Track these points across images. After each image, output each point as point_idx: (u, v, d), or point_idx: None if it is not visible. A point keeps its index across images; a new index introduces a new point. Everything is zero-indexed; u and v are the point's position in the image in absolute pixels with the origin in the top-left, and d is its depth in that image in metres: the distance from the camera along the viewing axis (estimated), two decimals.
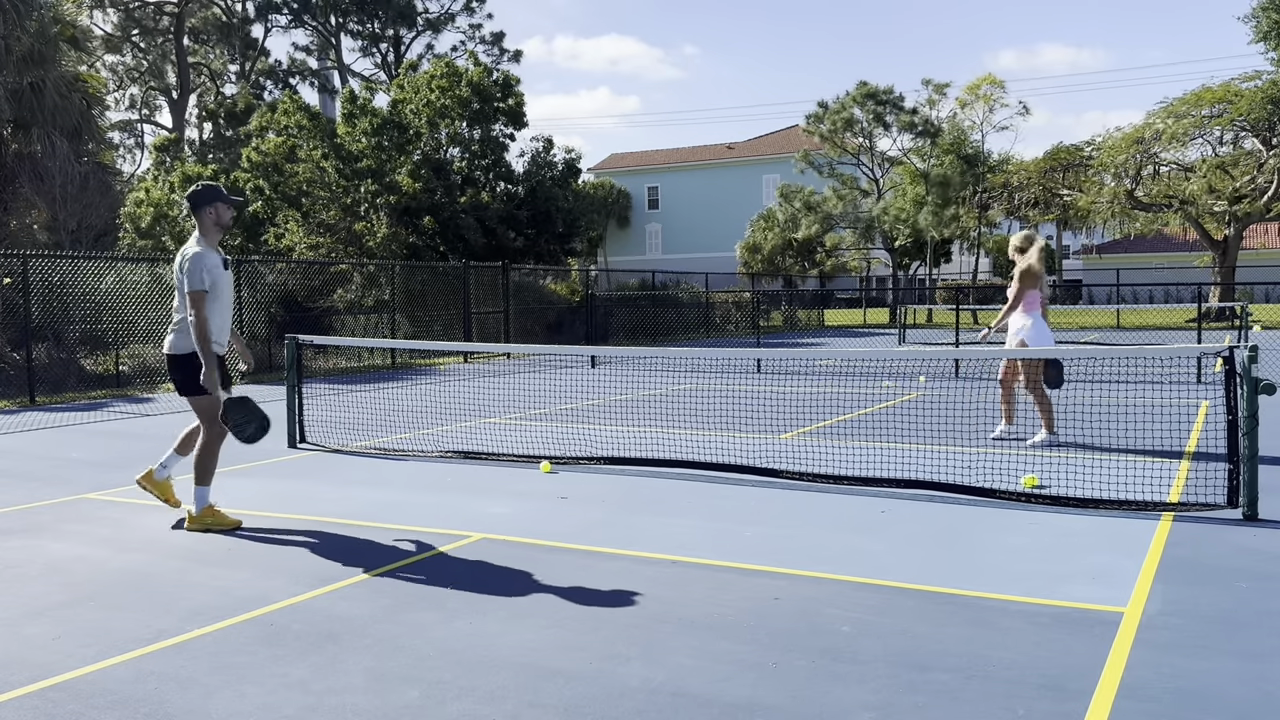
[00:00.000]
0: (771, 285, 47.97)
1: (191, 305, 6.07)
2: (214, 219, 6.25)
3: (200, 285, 6.06)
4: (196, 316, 6.06)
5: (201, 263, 6.10)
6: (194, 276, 6.08)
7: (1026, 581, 4.96)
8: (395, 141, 27.94)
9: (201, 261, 6.10)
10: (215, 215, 6.25)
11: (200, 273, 6.07)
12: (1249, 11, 36.07)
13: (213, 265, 6.14)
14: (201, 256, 6.12)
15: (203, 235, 6.23)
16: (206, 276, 6.08)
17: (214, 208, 6.24)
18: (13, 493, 7.68)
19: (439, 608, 4.71)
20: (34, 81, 20.22)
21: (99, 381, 16.65)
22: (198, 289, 6.06)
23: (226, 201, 6.31)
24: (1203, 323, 18.62)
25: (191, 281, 6.09)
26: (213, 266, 6.14)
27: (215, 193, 6.28)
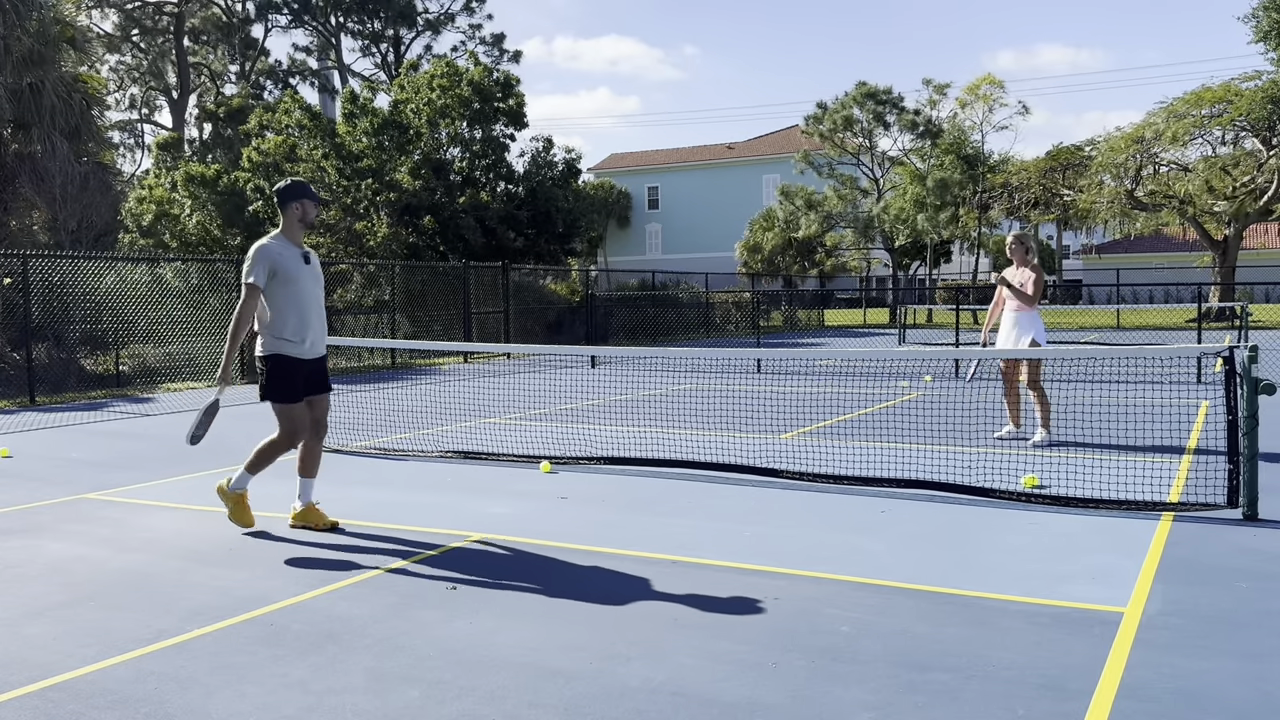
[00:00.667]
0: (771, 285, 47.97)
1: (242, 296, 5.87)
2: (299, 215, 6.06)
3: (255, 278, 5.83)
4: (238, 310, 5.84)
5: (264, 256, 5.87)
6: (249, 266, 5.86)
7: (1026, 581, 4.96)
8: (395, 141, 27.95)
9: (264, 254, 5.88)
10: (301, 211, 6.06)
11: (257, 265, 5.84)
12: (1249, 11, 36.07)
13: (285, 260, 5.91)
14: (266, 249, 5.91)
15: (284, 230, 6.08)
16: (266, 270, 5.84)
17: (300, 204, 6.06)
18: (13, 493, 7.67)
19: (439, 608, 4.71)
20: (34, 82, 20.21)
21: (99, 381, 16.65)
22: (247, 280, 5.84)
23: (313, 199, 6.13)
24: (1203, 323, 18.62)
25: (246, 272, 5.86)
26: (284, 262, 5.91)
27: (302, 189, 6.09)
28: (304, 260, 6.04)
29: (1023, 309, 9.16)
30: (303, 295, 5.97)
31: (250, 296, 5.85)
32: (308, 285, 6.02)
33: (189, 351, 17.95)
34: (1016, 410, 9.42)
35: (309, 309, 6.01)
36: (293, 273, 5.93)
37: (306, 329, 6.01)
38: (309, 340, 6.04)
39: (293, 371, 6.02)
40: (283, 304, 5.91)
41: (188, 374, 17.48)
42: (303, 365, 6.06)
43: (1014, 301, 9.22)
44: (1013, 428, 9.39)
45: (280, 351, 5.97)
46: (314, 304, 6.07)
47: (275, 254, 5.89)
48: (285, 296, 5.90)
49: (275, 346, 5.96)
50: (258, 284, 5.84)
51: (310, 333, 6.04)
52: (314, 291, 6.08)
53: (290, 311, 5.92)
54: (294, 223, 6.07)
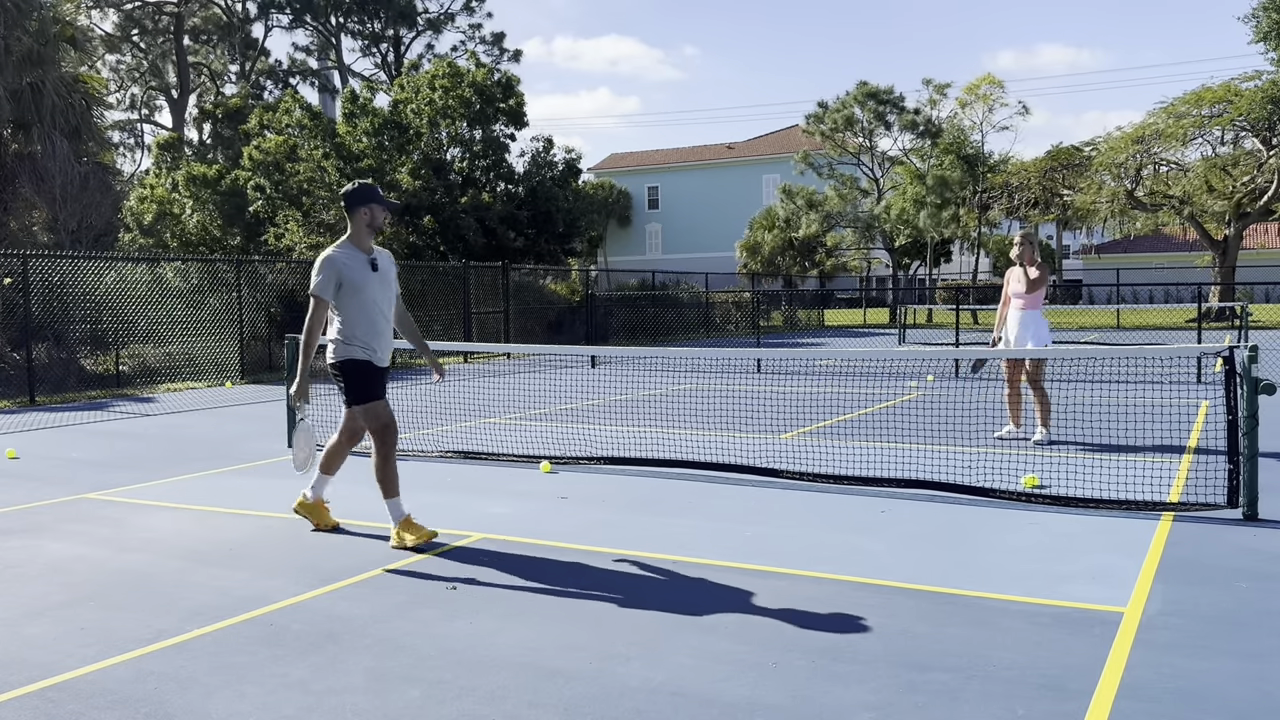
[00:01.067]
0: (771, 285, 47.97)
1: (310, 307, 5.68)
2: (367, 220, 5.82)
3: (319, 291, 5.66)
4: (307, 322, 5.64)
5: (330, 267, 5.67)
6: (316, 279, 5.68)
7: (1026, 581, 4.96)
8: (396, 141, 27.95)
9: (331, 266, 5.67)
10: (369, 216, 5.82)
11: (325, 278, 5.65)
12: (1249, 11, 36.08)
13: (352, 269, 5.71)
14: (332, 260, 5.69)
15: (352, 236, 5.85)
16: (333, 283, 5.65)
17: (369, 208, 5.81)
18: (13, 493, 7.67)
19: (439, 607, 4.71)
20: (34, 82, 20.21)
21: (99, 381, 16.65)
22: (314, 293, 5.67)
23: (382, 203, 5.87)
24: (1203, 323, 18.62)
25: (313, 283, 5.69)
26: (352, 271, 5.70)
27: (371, 193, 5.85)
28: (371, 267, 5.80)
29: (1029, 308, 9.16)
30: (370, 304, 5.76)
31: (317, 309, 5.68)
32: (375, 293, 5.79)
33: (189, 351, 17.95)
34: (1018, 410, 9.42)
35: (377, 317, 5.82)
36: (359, 282, 5.72)
37: (376, 338, 5.83)
38: (379, 349, 5.87)
39: (369, 374, 5.86)
40: (351, 313, 5.73)
41: (188, 374, 17.48)
42: (376, 370, 5.91)
43: (1019, 301, 9.22)
44: (1013, 427, 9.39)
45: (353, 357, 5.80)
46: (382, 312, 5.86)
47: (341, 264, 5.68)
48: (353, 306, 5.72)
49: (347, 353, 5.79)
50: (324, 297, 5.67)
51: (380, 341, 5.86)
52: (383, 298, 5.86)
53: (359, 321, 5.75)
54: (362, 228, 5.84)
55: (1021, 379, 9.34)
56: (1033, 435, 9.23)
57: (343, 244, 5.83)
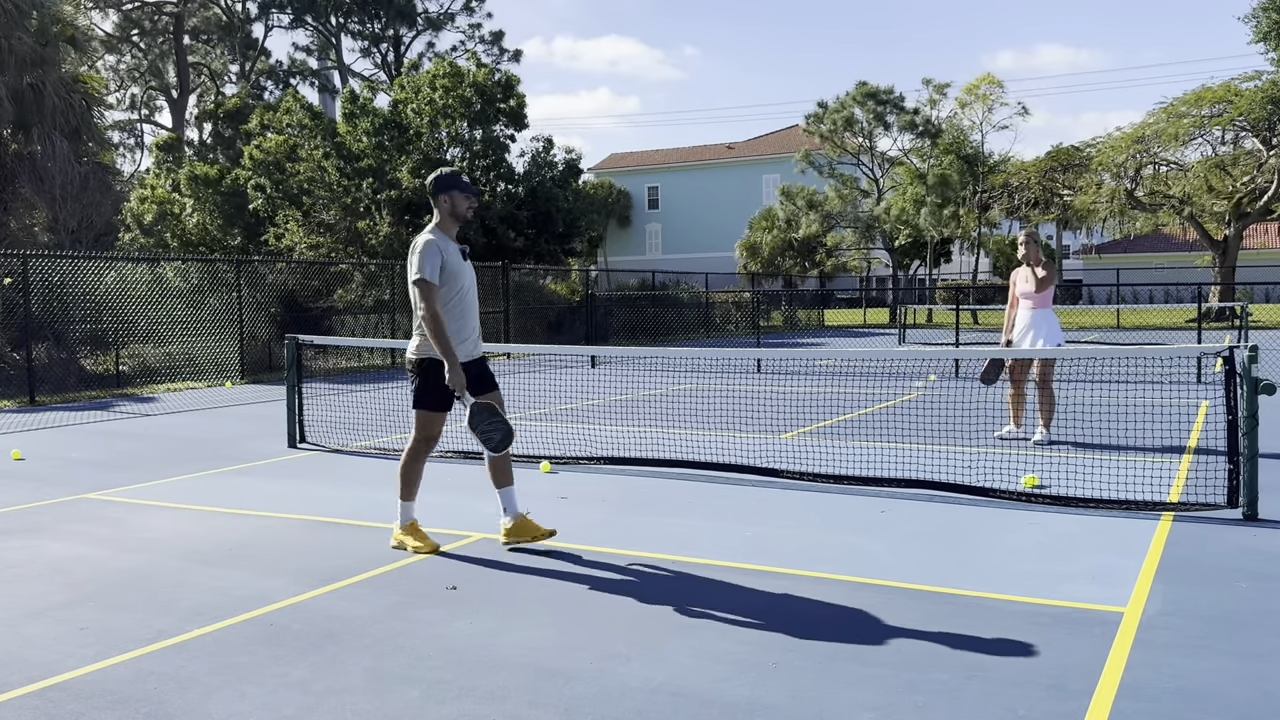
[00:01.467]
0: (771, 285, 47.97)
1: (421, 297, 5.39)
2: (449, 208, 5.59)
3: (428, 275, 5.39)
4: (427, 309, 5.36)
5: (434, 250, 5.43)
6: (419, 263, 5.40)
7: (1026, 581, 4.96)
8: (396, 141, 27.95)
9: (432, 249, 5.44)
10: (450, 204, 5.59)
11: (428, 260, 5.40)
12: (1249, 12, 36.08)
13: (449, 256, 5.49)
14: (432, 244, 5.45)
15: (440, 224, 5.61)
16: (438, 265, 5.42)
17: (449, 196, 5.58)
18: (13, 493, 7.67)
19: (439, 607, 4.71)
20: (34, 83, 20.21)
21: (99, 381, 16.65)
22: (424, 278, 5.38)
23: (464, 190, 5.63)
24: (1203, 323, 18.62)
25: (417, 268, 5.41)
26: (449, 257, 5.48)
27: (451, 180, 5.62)
28: (463, 256, 5.62)
29: (1039, 307, 9.15)
30: (462, 295, 5.58)
31: (430, 294, 5.39)
32: (467, 284, 5.62)
33: (189, 351, 17.95)
34: (1019, 410, 9.41)
35: (469, 308, 5.64)
36: (456, 269, 5.52)
37: (470, 328, 5.64)
38: (472, 340, 5.66)
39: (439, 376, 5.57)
40: (446, 302, 5.50)
41: (188, 374, 17.48)
42: (467, 366, 5.62)
43: (1029, 301, 9.20)
44: (1013, 427, 9.38)
45: (429, 356, 5.54)
46: (472, 305, 5.67)
47: (441, 249, 5.46)
48: (448, 294, 5.50)
49: (425, 351, 5.56)
50: (432, 280, 5.40)
51: (473, 332, 5.67)
52: (473, 291, 5.69)
53: (453, 310, 5.53)
54: (445, 216, 5.61)
55: (1029, 379, 9.33)
56: (1033, 435, 9.23)
57: (434, 230, 5.58)
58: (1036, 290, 9.15)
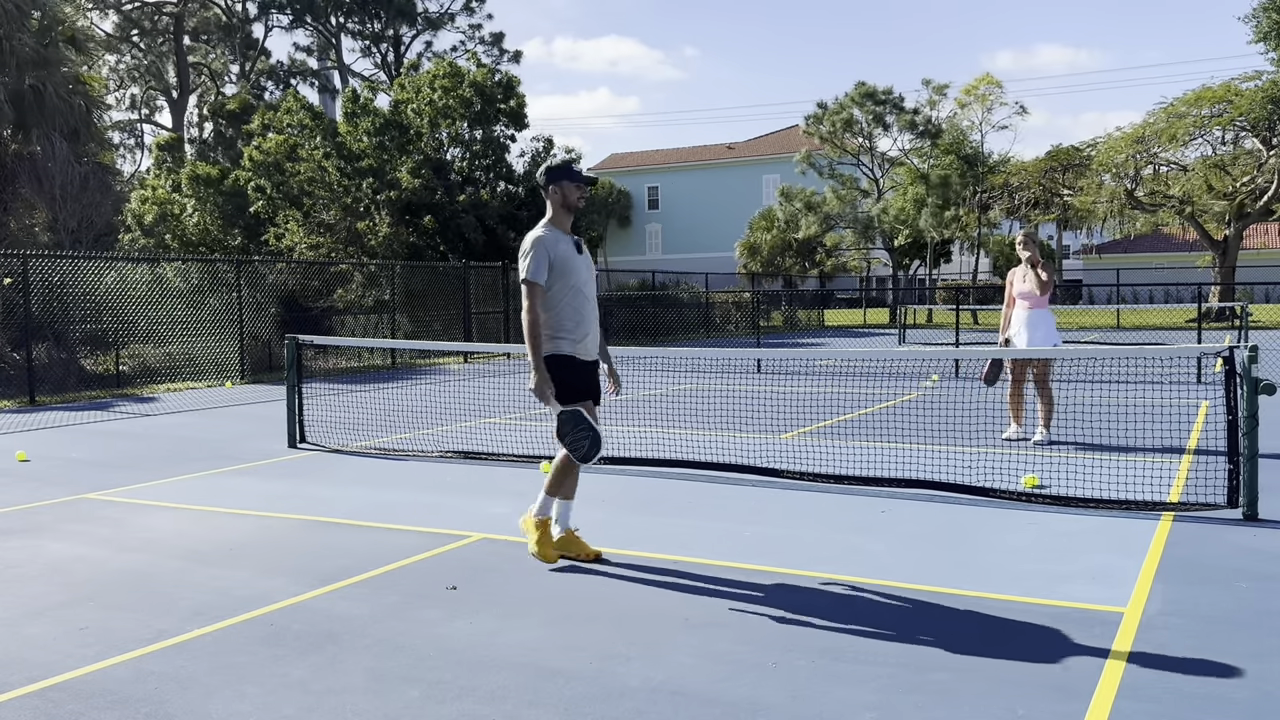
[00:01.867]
0: (771, 285, 47.97)
1: (524, 296, 5.20)
2: (560, 199, 5.36)
3: (532, 275, 5.17)
4: (526, 310, 5.17)
5: (541, 248, 5.21)
6: (527, 262, 5.19)
7: (1026, 581, 4.96)
8: (396, 141, 27.96)
9: (541, 246, 5.22)
10: (561, 195, 5.36)
11: (537, 259, 5.18)
12: (1249, 12, 36.08)
13: (560, 251, 5.26)
14: (542, 240, 5.24)
15: (552, 217, 5.40)
16: (545, 264, 5.19)
17: (560, 186, 5.35)
18: (13, 493, 7.67)
19: (439, 608, 4.71)
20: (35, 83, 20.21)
21: (99, 381, 16.65)
22: (528, 278, 5.17)
23: (575, 180, 5.38)
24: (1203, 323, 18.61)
25: (524, 268, 5.19)
26: (561, 252, 5.25)
27: (563, 170, 5.38)
28: (577, 249, 5.37)
29: (1036, 307, 9.16)
30: (577, 290, 5.30)
31: (534, 295, 5.19)
32: (584, 277, 5.36)
33: (189, 351, 17.95)
34: (1019, 410, 9.41)
35: (584, 305, 5.33)
36: (570, 264, 5.28)
37: (587, 325, 5.34)
38: (589, 337, 5.36)
39: (576, 369, 5.29)
40: (559, 299, 5.24)
41: (188, 374, 17.48)
42: (583, 366, 5.35)
43: (1026, 301, 9.21)
44: (1016, 428, 9.38)
45: (560, 351, 5.25)
46: (589, 299, 5.38)
47: (551, 245, 5.24)
48: (562, 290, 5.24)
49: (552, 346, 5.25)
50: (538, 280, 5.18)
51: (590, 329, 5.36)
52: (589, 285, 5.41)
53: (567, 307, 5.26)
54: (557, 208, 5.39)
55: (1028, 379, 9.34)
56: (1033, 435, 9.23)
57: (546, 225, 5.36)
58: (1040, 292, 9.15)
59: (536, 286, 5.20)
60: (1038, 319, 9.16)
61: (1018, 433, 9.36)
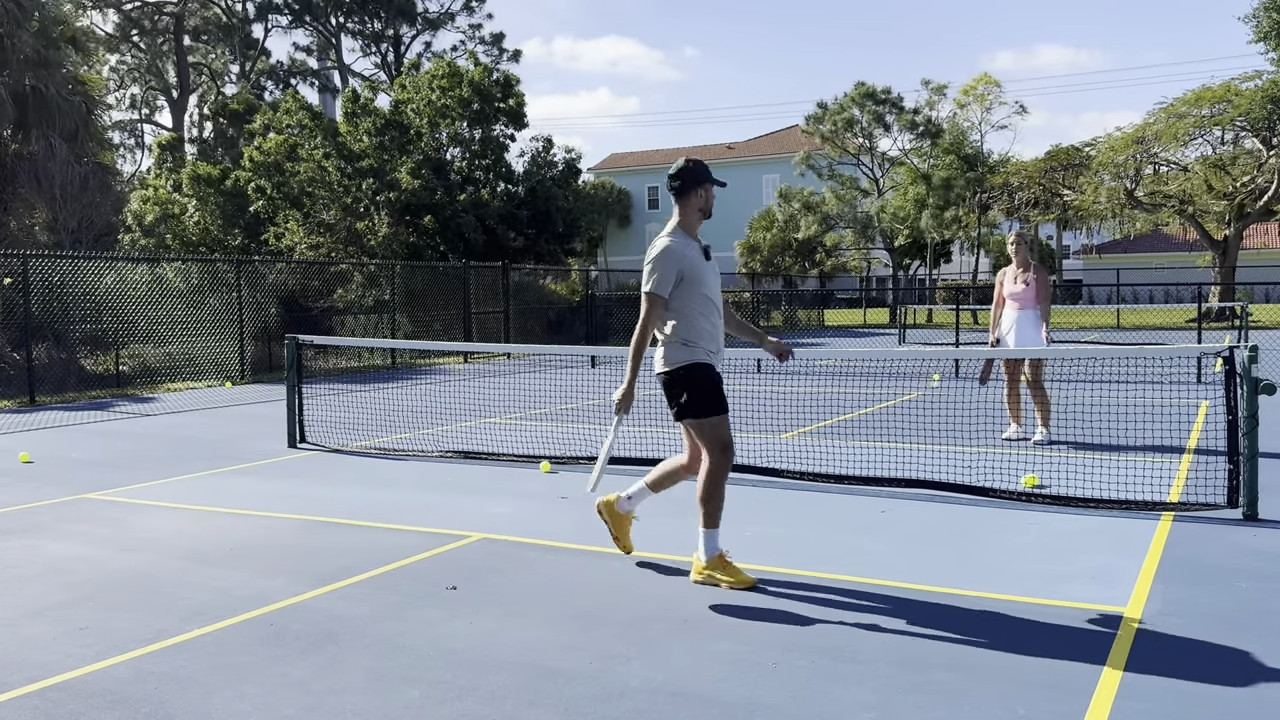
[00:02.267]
0: (771, 285, 47.97)
1: (643, 307, 5.01)
2: (700, 202, 5.10)
3: (656, 288, 4.94)
4: (641, 323, 4.97)
5: (670, 259, 4.95)
6: (655, 275, 4.95)
7: (1026, 581, 4.96)
8: (396, 141, 27.96)
9: (670, 258, 4.95)
10: (703, 199, 5.10)
11: (664, 272, 4.93)
12: (1249, 12, 36.09)
13: (690, 259, 5.00)
14: (671, 251, 4.96)
15: (683, 222, 5.10)
16: (673, 277, 4.95)
17: (704, 190, 5.08)
18: (13, 493, 7.67)
19: (439, 608, 4.71)
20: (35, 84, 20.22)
21: (99, 381, 16.65)
22: (652, 291, 4.96)
23: (715, 183, 5.15)
24: (1203, 323, 18.60)
25: (647, 280, 4.99)
26: (691, 261, 5.00)
27: (706, 172, 5.12)
28: (705, 255, 5.13)
29: (1027, 308, 9.16)
30: (708, 299, 5.07)
31: (654, 309, 4.97)
32: (712, 285, 5.12)
33: (189, 351, 17.95)
34: (1017, 409, 9.42)
35: (713, 313, 5.11)
36: (701, 272, 5.03)
37: (715, 337, 5.12)
38: (718, 350, 5.15)
39: (715, 380, 5.05)
40: (690, 308, 5.01)
41: (188, 374, 17.48)
42: (719, 376, 5.10)
43: (1016, 301, 9.21)
44: (1016, 428, 9.39)
45: (696, 360, 5.01)
46: (718, 307, 5.16)
47: (680, 255, 4.97)
48: (694, 300, 5.01)
49: (689, 355, 5.01)
50: (661, 294, 4.95)
51: (719, 341, 5.15)
52: (717, 292, 5.18)
53: (699, 316, 5.02)
54: (694, 212, 5.12)
55: (1023, 379, 9.34)
56: (1032, 435, 9.23)
57: (674, 231, 5.08)
58: (1038, 298, 9.16)
59: (658, 300, 4.96)
60: (1027, 320, 9.17)
61: (1018, 433, 9.36)
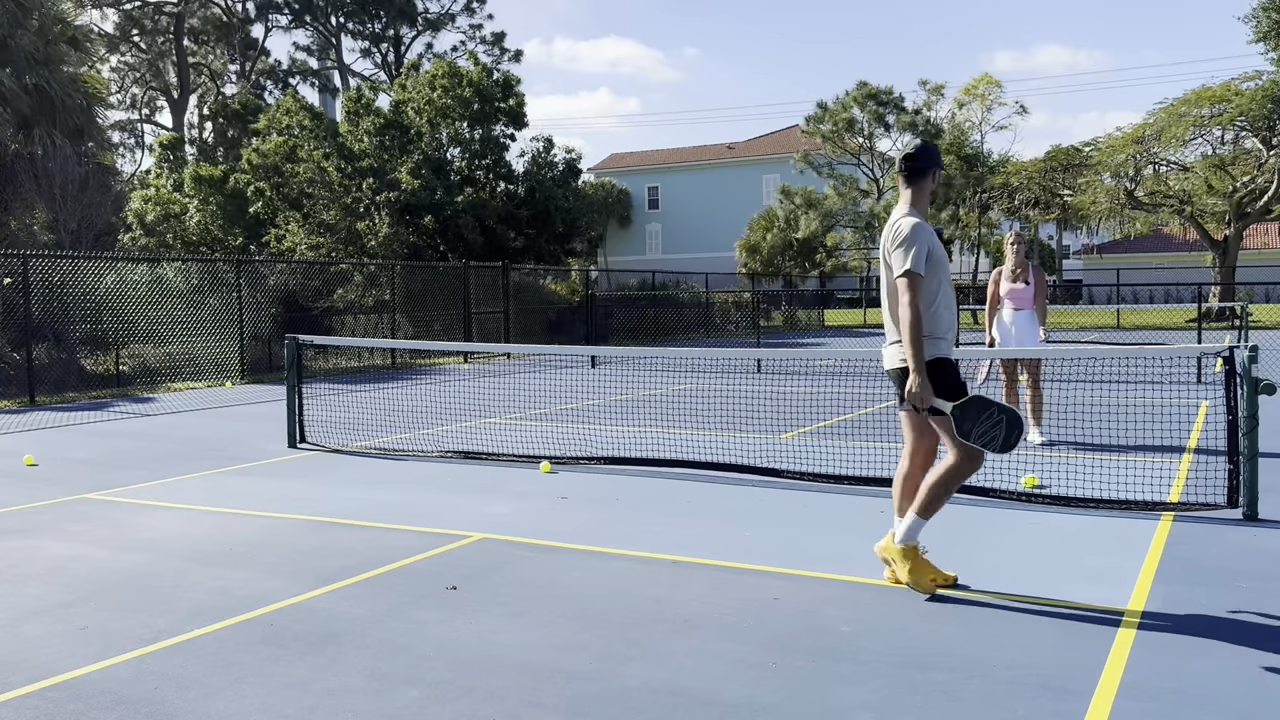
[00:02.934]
0: (771, 285, 47.97)
1: (905, 290, 4.66)
2: (934, 185, 4.91)
3: (915, 265, 4.65)
4: (909, 304, 4.63)
5: (924, 236, 4.71)
6: (911, 252, 4.66)
7: (1026, 581, 4.96)
8: (397, 141, 27.96)
9: (924, 234, 4.71)
10: (935, 182, 4.92)
11: (920, 249, 4.67)
12: (1249, 12, 36.08)
13: (936, 243, 4.79)
14: (924, 228, 4.73)
15: (918, 205, 4.87)
16: (925, 255, 4.70)
17: (935, 173, 4.89)
18: (13, 493, 7.67)
19: (439, 608, 4.71)
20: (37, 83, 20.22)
21: (99, 381, 16.65)
22: (912, 269, 4.65)
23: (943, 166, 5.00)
24: (1203, 323, 18.60)
25: (907, 258, 4.67)
26: (936, 244, 4.79)
27: (938, 154, 4.95)
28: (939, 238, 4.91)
29: (1024, 307, 9.16)
30: (948, 286, 4.86)
31: (917, 287, 4.65)
32: (948, 272, 4.91)
33: (189, 351, 17.95)
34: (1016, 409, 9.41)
35: (952, 299, 4.89)
36: (943, 258, 4.82)
37: (954, 327, 4.90)
38: (954, 335, 4.90)
39: (957, 371, 4.83)
40: (935, 296, 4.77)
41: (188, 374, 17.48)
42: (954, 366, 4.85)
43: (1011, 301, 9.22)
44: None
45: (941, 353, 4.77)
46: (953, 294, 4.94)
47: (930, 233, 4.76)
48: (937, 287, 4.79)
49: (936, 348, 4.75)
50: (920, 272, 4.66)
51: (954, 331, 4.91)
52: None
53: (944, 307, 4.80)
54: (927, 195, 4.92)
55: (1021, 378, 9.34)
56: (1029, 435, 9.22)
57: (914, 212, 4.84)
58: (1035, 297, 9.16)
59: (919, 279, 4.67)
60: (1023, 320, 9.17)
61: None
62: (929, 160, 4.88)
